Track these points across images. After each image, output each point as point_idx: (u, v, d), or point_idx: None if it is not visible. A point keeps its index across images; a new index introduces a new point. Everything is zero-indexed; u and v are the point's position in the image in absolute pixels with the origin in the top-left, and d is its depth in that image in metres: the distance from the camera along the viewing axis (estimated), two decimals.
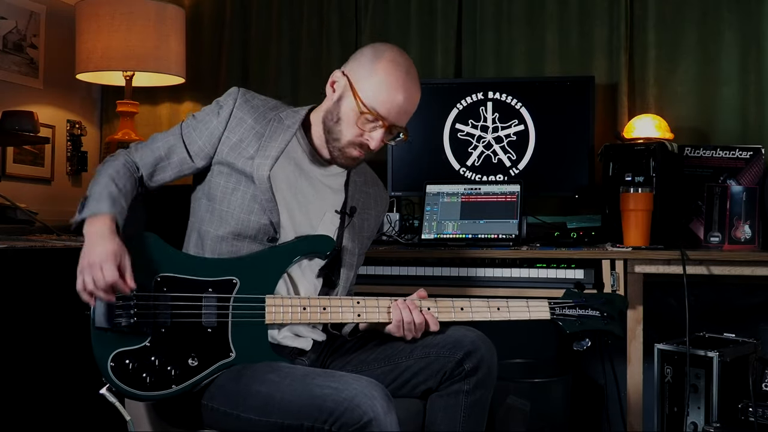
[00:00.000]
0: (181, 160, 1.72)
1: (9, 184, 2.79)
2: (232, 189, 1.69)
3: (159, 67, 2.89)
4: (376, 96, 1.66)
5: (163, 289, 1.60)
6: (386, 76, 1.66)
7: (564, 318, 1.76)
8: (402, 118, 1.69)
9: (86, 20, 2.85)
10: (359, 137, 1.69)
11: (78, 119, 3.17)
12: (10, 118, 2.55)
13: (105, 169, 1.67)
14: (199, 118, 1.73)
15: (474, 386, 1.67)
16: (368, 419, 1.40)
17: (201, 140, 1.71)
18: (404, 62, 1.69)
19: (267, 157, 1.68)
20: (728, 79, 2.69)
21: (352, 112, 1.67)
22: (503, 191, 2.42)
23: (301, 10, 3.16)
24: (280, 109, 1.77)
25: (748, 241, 2.25)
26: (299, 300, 1.66)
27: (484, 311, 1.73)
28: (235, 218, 1.67)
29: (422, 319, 1.68)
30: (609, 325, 1.77)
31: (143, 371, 1.56)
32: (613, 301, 1.80)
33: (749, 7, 2.67)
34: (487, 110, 2.69)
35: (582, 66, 2.84)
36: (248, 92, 1.76)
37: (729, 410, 2.21)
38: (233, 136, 1.70)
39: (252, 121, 1.71)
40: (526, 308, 1.76)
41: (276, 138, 1.71)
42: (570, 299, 1.78)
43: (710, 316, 2.63)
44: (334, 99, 1.71)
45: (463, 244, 2.35)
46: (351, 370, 1.72)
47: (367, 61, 1.69)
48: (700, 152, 2.46)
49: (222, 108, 1.72)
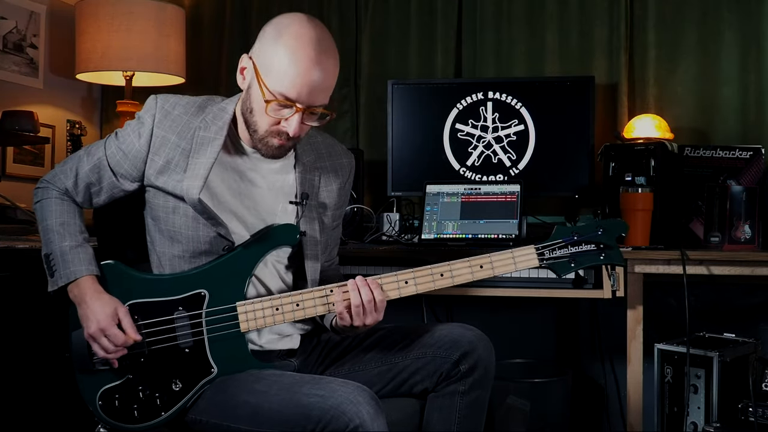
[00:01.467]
0: (111, 184, 1.66)
1: (9, 184, 2.79)
2: (172, 209, 1.62)
3: (159, 67, 2.89)
4: (281, 79, 1.51)
5: (134, 317, 1.59)
6: (290, 54, 1.50)
7: (555, 261, 1.59)
8: (319, 97, 1.54)
9: (86, 20, 2.85)
10: (275, 125, 1.56)
11: (78, 119, 3.17)
12: (10, 118, 2.55)
13: (47, 216, 1.65)
14: (122, 139, 1.65)
15: (470, 387, 1.66)
16: (354, 426, 1.39)
17: (126, 164, 1.63)
18: (310, 34, 1.53)
19: (196, 177, 1.58)
20: (728, 79, 2.69)
21: (261, 100, 1.54)
22: (503, 191, 2.42)
23: (301, 11, 3.15)
24: (206, 111, 1.64)
25: (748, 241, 2.25)
26: (270, 301, 1.60)
27: (466, 273, 1.60)
28: (184, 236, 1.61)
29: (370, 296, 1.55)
30: (606, 257, 1.60)
31: (131, 404, 1.57)
32: (608, 228, 1.61)
33: (749, 7, 2.67)
34: (487, 110, 2.69)
35: (582, 66, 2.84)
36: (168, 101, 1.64)
37: (729, 410, 2.21)
38: (159, 159, 1.61)
39: (176, 138, 1.61)
40: (512, 260, 1.60)
41: (204, 152, 1.60)
42: (559, 238, 1.60)
43: (710, 316, 2.63)
44: (245, 87, 1.60)
45: (463, 244, 2.35)
46: (347, 371, 1.71)
47: (270, 40, 1.55)
48: (700, 152, 2.46)
49: (143, 126, 1.62)
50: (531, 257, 1.60)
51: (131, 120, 1.68)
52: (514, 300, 2.40)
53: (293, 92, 1.51)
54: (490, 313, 2.85)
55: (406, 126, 2.71)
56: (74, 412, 2.27)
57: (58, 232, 1.62)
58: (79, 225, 1.66)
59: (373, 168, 2.93)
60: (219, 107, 1.66)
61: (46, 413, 2.30)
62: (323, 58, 1.52)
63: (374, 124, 3.02)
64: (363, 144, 3.04)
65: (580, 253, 1.60)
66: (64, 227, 1.63)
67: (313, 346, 1.78)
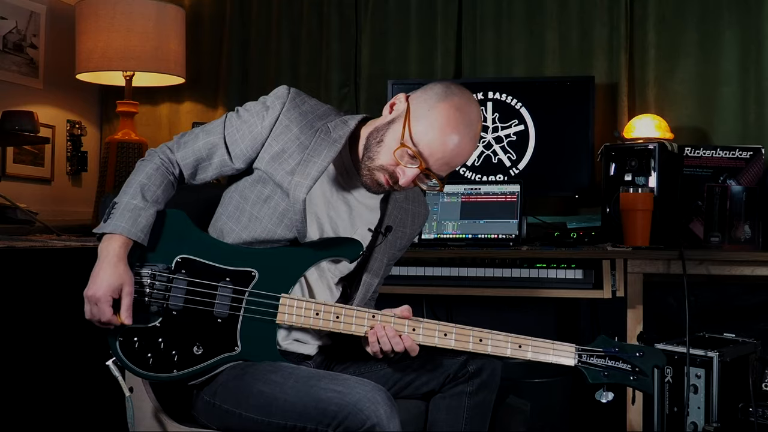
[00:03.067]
0: (222, 162, 1.66)
1: (9, 184, 2.79)
2: (266, 197, 1.63)
3: (159, 67, 2.89)
4: (425, 134, 1.55)
5: (181, 271, 1.59)
6: (444, 119, 1.54)
7: (589, 366, 1.61)
8: (442, 168, 1.58)
9: (86, 20, 2.85)
10: (392, 166, 1.58)
11: (78, 119, 3.17)
12: (10, 118, 2.55)
13: (138, 173, 1.64)
14: (244, 118, 1.65)
15: (477, 388, 1.66)
16: (371, 424, 1.39)
17: (243, 143, 1.63)
18: (469, 112, 1.57)
19: (307, 176, 1.60)
20: (728, 79, 2.69)
21: (396, 140, 1.57)
22: (503, 191, 2.42)
23: (301, 10, 3.16)
24: (329, 118, 1.67)
25: (748, 241, 2.25)
26: (314, 304, 1.60)
27: (503, 346, 1.61)
28: (263, 226, 1.62)
29: (402, 348, 1.58)
30: (638, 381, 1.60)
31: (148, 351, 1.57)
32: (648, 355, 1.63)
33: (749, 7, 2.67)
34: (487, 110, 2.69)
35: (582, 66, 2.84)
36: (299, 95, 1.66)
37: (729, 410, 2.21)
38: (276, 145, 1.62)
39: (297, 130, 1.62)
40: (551, 350, 1.63)
41: (320, 153, 1.61)
42: (600, 347, 1.63)
43: (710, 316, 2.63)
44: (387, 120, 1.61)
45: (463, 244, 2.35)
46: (353, 372, 1.70)
47: (433, 96, 1.58)
48: (700, 152, 2.46)
49: (268, 110, 1.63)
50: (569, 355, 1.63)
51: (254, 102, 1.67)
52: (514, 300, 2.41)
53: (427, 150, 1.55)
54: (490, 313, 2.85)
55: None
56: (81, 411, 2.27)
57: (135, 189, 1.60)
58: (158, 194, 1.63)
59: None
60: (342, 119, 1.68)
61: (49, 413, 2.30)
62: (466, 139, 1.56)
63: None
64: None
65: (615, 368, 1.62)
66: (144, 189, 1.61)
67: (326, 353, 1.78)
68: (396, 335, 1.58)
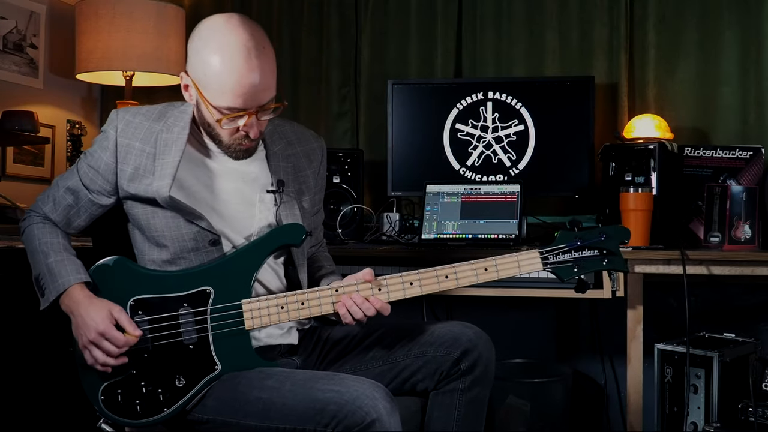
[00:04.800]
0: (88, 203, 1.68)
1: (9, 184, 2.79)
2: (151, 214, 1.63)
3: (159, 67, 2.89)
4: (222, 93, 1.54)
5: (138, 313, 1.59)
6: (222, 65, 1.52)
7: (558, 266, 1.60)
8: (264, 96, 1.57)
9: (86, 20, 2.85)
10: (236, 133, 1.60)
11: (78, 119, 3.17)
12: (10, 118, 2.55)
13: (31, 242, 1.67)
14: (90, 156, 1.67)
15: (470, 384, 1.67)
16: (371, 420, 1.40)
17: (99, 179, 1.66)
18: (236, 38, 1.54)
19: (164, 177, 1.61)
20: (728, 79, 2.69)
21: (213, 117, 1.58)
22: (503, 191, 2.42)
23: (301, 10, 3.16)
24: (168, 115, 1.68)
25: (748, 241, 2.25)
26: (276, 299, 1.61)
27: (470, 275, 1.61)
28: (169, 239, 1.62)
29: (373, 311, 1.58)
30: (610, 263, 1.60)
31: (134, 399, 1.57)
32: (611, 234, 1.61)
33: (749, 7, 2.67)
34: (487, 110, 2.69)
35: (582, 66, 2.84)
36: (128, 111, 1.67)
37: (729, 410, 2.21)
38: (127, 167, 1.63)
39: (139, 143, 1.64)
40: (516, 263, 1.62)
41: (169, 152, 1.63)
42: (563, 243, 1.61)
43: (710, 316, 2.63)
44: (194, 104, 1.64)
45: (463, 244, 2.35)
46: (349, 370, 1.71)
47: (198, 53, 1.57)
48: (700, 152, 2.46)
49: (107, 139, 1.65)
50: (535, 261, 1.61)
51: (97, 137, 1.70)
52: (514, 300, 2.40)
53: (238, 102, 1.54)
54: (490, 312, 2.85)
55: (406, 126, 2.71)
56: (76, 409, 2.27)
57: (42, 252, 1.63)
58: (62, 243, 1.66)
59: (373, 168, 2.93)
60: (179, 110, 1.69)
61: (48, 412, 2.30)
62: (255, 59, 1.54)
63: (374, 124, 3.02)
64: (363, 144, 3.04)
65: (584, 258, 1.61)
66: (47, 246, 1.64)
67: (314, 344, 1.79)
68: (364, 301, 1.58)
